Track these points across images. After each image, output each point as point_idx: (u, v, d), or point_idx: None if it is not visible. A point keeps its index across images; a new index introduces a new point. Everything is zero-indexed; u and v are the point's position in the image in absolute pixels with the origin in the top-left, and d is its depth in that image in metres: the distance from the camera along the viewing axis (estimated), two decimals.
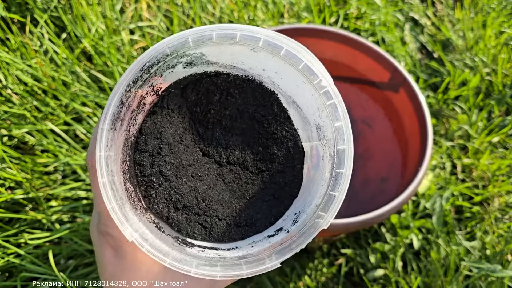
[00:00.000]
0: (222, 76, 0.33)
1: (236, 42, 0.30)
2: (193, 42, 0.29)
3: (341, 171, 0.30)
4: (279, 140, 0.34)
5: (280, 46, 0.30)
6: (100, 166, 0.27)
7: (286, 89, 0.33)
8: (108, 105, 0.28)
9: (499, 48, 0.99)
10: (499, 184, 0.83)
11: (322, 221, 0.29)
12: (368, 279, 0.72)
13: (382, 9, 0.98)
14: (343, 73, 0.76)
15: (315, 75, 0.30)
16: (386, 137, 0.75)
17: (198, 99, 0.34)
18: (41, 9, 0.77)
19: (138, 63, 0.28)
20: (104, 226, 0.30)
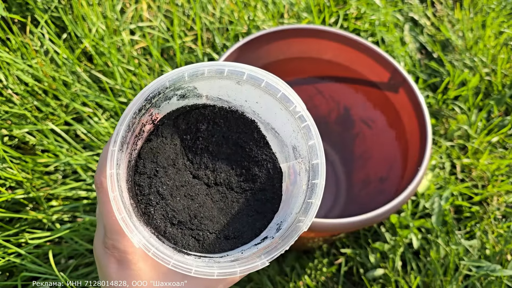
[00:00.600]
0: (209, 107, 0.39)
1: (224, 77, 0.35)
2: (188, 76, 0.33)
3: (316, 182, 0.35)
4: (260, 162, 0.39)
5: (261, 79, 0.35)
6: (111, 182, 0.30)
7: (265, 117, 0.39)
8: (118, 129, 0.31)
9: (499, 48, 1.00)
10: (498, 184, 0.83)
11: (302, 224, 0.34)
12: (368, 278, 0.72)
13: (381, 9, 0.99)
14: (343, 73, 0.76)
15: (290, 102, 0.35)
16: (386, 137, 0.75)
17: (188, 128, 0.39)
18: (42, 9, 0.77)
19: (144, 93, 0.33)
20: (110, 240, 0.33)
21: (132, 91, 0.77)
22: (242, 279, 0.70)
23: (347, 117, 0.80)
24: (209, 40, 0.90)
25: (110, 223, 0.32)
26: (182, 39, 0.86)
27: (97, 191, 0.33)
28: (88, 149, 0.72)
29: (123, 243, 0.33)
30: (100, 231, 0.35)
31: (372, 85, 0.74)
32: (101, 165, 0.33)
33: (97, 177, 0.33)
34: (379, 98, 0.74)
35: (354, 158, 0.81)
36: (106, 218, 0.32)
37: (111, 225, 0.32)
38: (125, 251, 0.33)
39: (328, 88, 0.79)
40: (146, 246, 0.30)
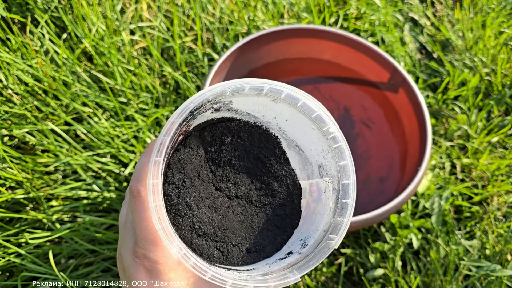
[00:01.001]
0: (235, 121, 0.40)
1: (263, 94, 0.36)
2: (230, 92, 0.34)
3: (346, 201, 0.36)
4: (279, 178, 0.40)
5: (298, 99, 0.36)
6: (155, 192, 0.30)
7: (291, 134, 0.40)
8: (162, 139, 0.31)
9: (499, 48, 1.00)
10: (498, 184, 0.83)
11: (333, 241, 0.35)
12: (368, 278, 0.72)
13: (381, 9, 0.99)
14: (343, 74, 0.76)
15: (325, 123, 0.36)
16: (386, 137, 0.75)
17: (213, 140, 0.39)
18: (42, 9, 0.77)
19: (188, 106, 0.33)
20: (142, 249, 0.33)
21: (132, 91, 0.77)
22: None
23: (347, 117, 0.80)
24: (209, 40, 0.90)
25: (144, 233, 0.32)
26: (182, 39, 0.86)
27: (132, 200, 0.33)
28: (88, 149, 0.72)
29: (155, 253, 0.32)
30: (128, 240, 0.34)
31: (372, 85, 0.74)
32: (139, 174, 0.33)
33: (134, 186, 0.33)
34: (379, 98, 0.74)
35: (354, 158, 0.81)
36: (140, 227, 0.32)
37: (146, 235, 0.32)
38: (156, 261, 0.32)
39: (328, 88, 0.79)
40: (185, 257, 0.30)
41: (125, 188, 0.71)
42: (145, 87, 0.80)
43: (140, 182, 0.33)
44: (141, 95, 0.77)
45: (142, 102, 0.79)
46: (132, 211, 0.33)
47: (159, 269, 0.32)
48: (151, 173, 0.30)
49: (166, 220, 0.30)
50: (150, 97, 0.79)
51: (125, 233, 0.35)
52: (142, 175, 0.33)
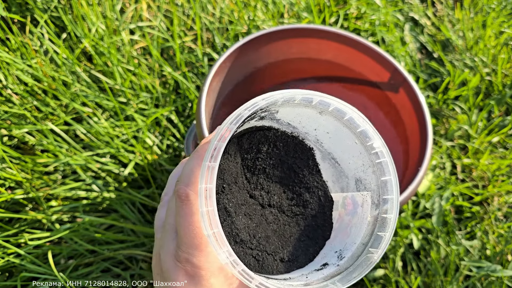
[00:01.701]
0: (273, 130, 0.40)
1: (311, 106, 0.36)
2: (281, 102, 0.34)
3: (388, 216, 0.36)
4: (311, 189, 0.40)
5: (344, 112, 0.36)
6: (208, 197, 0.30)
7: (328, 146, 0.40)
8: (216, 144, 0.31)
9: (499, 48, 0.99)
10: (499, 184, 0.83)
11: (375, 255, 0.35)
12: (368, 279, 0.72)
13: (382, 9, 0.99)
14: (343, 73, 0.76)
15: (369, 138, 0.37)
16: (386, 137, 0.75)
17: (250, 147, 0.39)
18: (41, 9, 0.77)
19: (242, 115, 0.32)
20: (185, 253, 0.32)
21: (131, 91, 0.77)
22: None
23: None
24: (209, 40, 0.90)
25: (189, 237, 0.32)
26: (182, 39, 0.86)
27: (179, 204, 0.33)
28: (87, 149, 0.72)
29: (198, 258, 0.32)
30: (169, 243, 0.34)
31: (372, 85, 0.74)
32: (188, 179, 0.33)
33: (183, 190, 0.32)
34: (379, 98, 0.74)
35: None
36: (186, 231, 0.32)
37: (191, 239, 0.32)
38: (199, 266, 0.32)
39: (328, 88, 0.79)
40: (234, 263, 0.30)
41: (125, 188, 0.71)
42: (145, 87, 0.80)
43: (190, 186, 0.32)
44: (140, 95, 0.77)
45: (142, 102, 0.78)
46: (178, 214, 0.33)
47: (201, 275, 0.32)
48: (203, 178, 0.30)
49: (219, 225, 0.30)
50: (150, 97, 0.79)
51: (165, 236, 0.35)
52: (191, 179, 0.33)
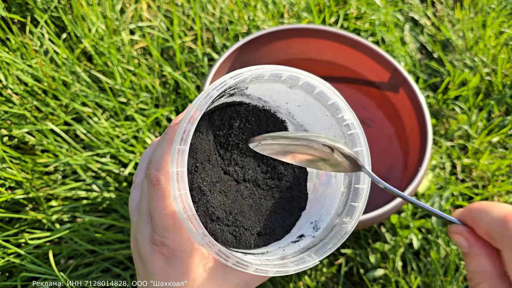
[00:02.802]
0: (244, 105, 0.39)
1: (281, 81, 0.36)
2: (250, 79, 0.34)
3: (360, 186, 0.36)
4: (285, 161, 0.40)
5: (315, 86, 0.36)
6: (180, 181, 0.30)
7: (300, 119, 0.40)
8: (185, 127, 0.30)
9: (499, 48, 0.99)
10: (499, 184, 0.83)
11: (349, 225, 0.35)
12: (368, 279, 0.72)
13: (382, 9, 0.99)
14: (343, 73, 0.76)
15: (340, 110, 0.37)
16: (386, 137, 0.75)
17: (221, 124, 0.39)
18: (41, 9, 0.77)
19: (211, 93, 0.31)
20: (160, 236, 0.32)
21: (131, 91, 0.77)
22: None
23: None
24: (209, 40, 0.90)
25: (163, 220, 0.32)
26: (182, 39, 0.86)
27: (150, 188, 0.33)
28: (87, 149, 0.72)
29: (173, 240, 0.32)
30: (144, 226, 0.34)
31: (372, 85, 0.74)
32: (158, 163, 0.32)
33: (153, 174, 0.32)
34: (379, 98, 0.74)
35: None
36: (160, 215, 0.32)
37: (165, 222, 0.32)
38: (175, 248, 0.32)
39: None
40: (210, 244, 0.30)
41: (125, 188, 0.71)
42: (145, 87, 0.80)
43: (160, 170, 0.32)
44: (140, 95, 0.77)
45: (142, 102, 0.78)
46: (151, 198, 0.33)
47: (177, 256, 0.32)
48: (174, 161, 0.30)
49: (192, 209, 0.30)
50: (150, 97, 0.79)
51: (140, 220, 0.35)
52: (162, 163, 0.32)
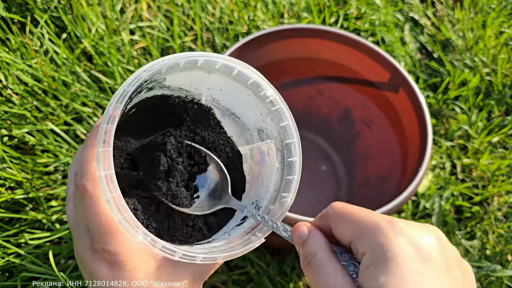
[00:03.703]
0: (166, 98, 0.39)
1: (197, 67, 0.35)
2: (165, 69, 0.33)
3: (293, 159, 0.37)
4: (218, 147, 0.40)
5: (233, 67, 0.36)
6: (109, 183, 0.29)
7: (225, 103, 0.40)
8: (106, 128, 0.29)
9: (499, 48, 0.99)
10: (498, 184, 0.83)
11: (288, 199, 0.36)
12: None
13: (382, 9, 0.99)
14: (343, 74, 0.76)
15: (261, 88, 0.37)
16: (386, 137, 0.75)
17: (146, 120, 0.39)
18: (41, 9, 0.77)
19: (127, 89, 0.31)
20: (99, 243, 0.32)
21: None
22: (242, 279, 0.70)
23: (348, 117, 0.80)
24: (209, 40, 0.90)
25: (98, 227, 0.31)
26: (182, 39, 0.86)
27: (79, 197, 0.32)
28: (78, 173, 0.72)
29: (113, 245, 0.31)
30: (83, 238, 0.33)
31: (372, 85, 0.74)
32: (83, 168, 0.31)
33: (80, 182, 0.31)
34: (379, 98, 0.74)
35: (355, 158, 0.81)
36: (94, 222, 0.31)
37: (100, 228, 0.31)
38: (116, 253, 0.32)
39: (329, 88, 0.79)
40: (153, 242, 0.30)
41: None
42: None
43: (86, 177, 0.31)
44: None
45: None
46: (82, 208, 0.32)
47: (120, 260, 0.32)
48: (100, 165, 0.29)
49: (127, 210, 0.29)
50: None
51: (79, 233, 0.34)
52: (87, 170, 0.31)
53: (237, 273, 0.70)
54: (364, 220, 0.28)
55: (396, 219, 0.28)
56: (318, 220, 0.32)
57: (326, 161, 0.83)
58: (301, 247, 0.31)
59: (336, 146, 0.83)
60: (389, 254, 0.26)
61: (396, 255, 0.26)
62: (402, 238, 0.27)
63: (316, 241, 0.30)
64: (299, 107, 0.82)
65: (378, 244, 0.27)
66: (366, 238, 0.27)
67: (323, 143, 0.84)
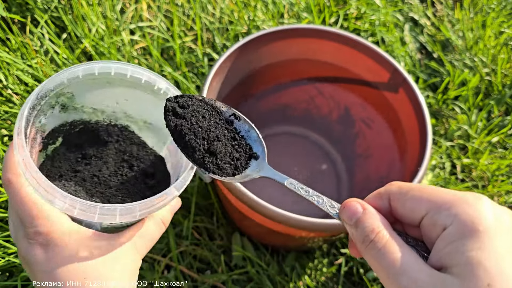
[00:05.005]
0: (88, 124, 0.40)
1: (97, 79, 0.36)
2: (67, 80, 0.34)
3: None
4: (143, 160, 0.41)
5: (126, 69, 0.36)
6: (24, 165, 0.31)
7: (136, 113, 0.41)
8: (21, 124, 0.32)
9: (499, 48, 0.99)
10: (498, 184, 0.83)
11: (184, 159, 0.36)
12: (368, 278, 0.72)
13: (382, 9, 0.99)
14: (343, 74, 0.76)
15: (154, 83, 0.37)
16: (386, 137, 0.75)
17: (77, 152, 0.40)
18: (42, 9, 0.77)
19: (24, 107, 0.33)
20: (31, 228, 0.32)
21: None
22: (242, 279, 0.70)
23: (348, 117, 0.80)
24: (209, 40, 0.90)
25: (27, 212, 0.31)
26: (182, 39, 0.86)
27: (7, 190, 0.33)
28: None
29: (43, 226, 0.31)
30: (18, 230, 0.33)
31: (372, 85, 0.74)
32: (4, 166, 0.33)
33: (3, 177, 0.33)
34: (379, 98, 0.74)
35: (355, 158, 0.81)
36: (22, 208, 0.32)
37: (29, 212, 0.31)
38: (48, 232, 0.31)
39: (329, 88, 0.79)
40: (71, 204, 0.31)
41: None
42: None
43: (8, 171, 0.33)
44: None
45: None
46: (11, 201, 0.33)
47: (53, 238, 0.31)
48: (17, 152, 0.31)
49: (43, 178, 0.30)
50: None
51: (13, 227, 0.34)
52: (7, 165, 0.33)
53: (237, 273, 0.70)
54: (441, 194, 0.26)
55: (478, 194, 0.27)
56: (373, 200, 0.30)
57: (326, 160, 0.83)
58: (354, 226, 0.28)
59: (336, 145, 0.84)
60: (481, 227, 0.24)
61: (488, 227, 0.24)
62: (491, 211, 0.25)
63: (376, 219, 0.27)
64: (299, 107, 0.83)
65: (468, 215, 0.24)
66: (449, 211, 0.25)
67: (324, 143, 0.84)
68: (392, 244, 0.26)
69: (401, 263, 0.25)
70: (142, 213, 0.33)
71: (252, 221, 0.62)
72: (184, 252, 0.70)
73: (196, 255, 0.71)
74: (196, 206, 0.73)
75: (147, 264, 0.68)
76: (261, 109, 0.80)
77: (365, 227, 0.27)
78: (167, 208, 0.38)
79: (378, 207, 0.29)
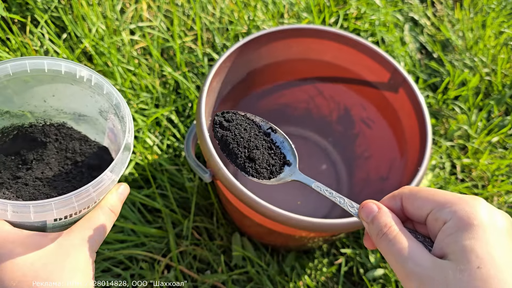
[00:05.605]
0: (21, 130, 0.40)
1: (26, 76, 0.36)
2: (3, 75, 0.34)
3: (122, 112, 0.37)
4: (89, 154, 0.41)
5: (42, 64, 0.35)
6: None
7: (68, 107, 0.40)
8: None
9: (499, 48, 1.00)
10: (498, 184, 0.83)
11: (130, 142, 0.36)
12: (368, 278, 0.72)
13: (382, 9, 0.99)
14: (343, 74, 0.76)
15: (74, 72, 0.36)
16: (386, 137, 0.75)
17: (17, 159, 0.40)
18: (42, 9, 0.77)
19: None
20: None
21: (132, 91, 0.77)
22: (242, 279, 0.70)
23: (348, 117, 0.80)
24: (209, 40, 0.90)
25: None
26: (182, 39, 0.86)
27: None
28: None
29: None
30: None
31: (372, 85, 0.74)
32: None
33: None
34: (379, 98, 0.74)
35: (355, 158, 0.81)
36: None
37: None
38: None
39: (329, 88, 0.79)
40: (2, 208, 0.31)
41: None
42: (145, 87, 0.80)
43: None
44: (141, 95, 0.77)
45: (142, 102, 0.79)
46: None
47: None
48: None
49: None
50: (150, 97, 0.79)
51: None
52: None
53: (237, 273, 0.70)
54: (444, 195, 0.31)
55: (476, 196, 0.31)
56: (388, 201, 0.34)
57: (326, 160, 0.83)
58: (371, 223, 0.33)
59: (336, 145, 0.84)
60: (476, 222, 0.28)
61: (481, 222, 0.28)
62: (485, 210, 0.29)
63: (389, 217, 0.32)
64: (299, 107, 0.83)
65: (465, 212, 0.29)
66: (449, 208, 0.30)
67: (324, 143, 0.84)
68: (401, 236, 0.31)
69: (408, 251, 0.30)
70: (80, 204, 0.32)
71: (252, 221, 0.62)
72: (184, 252, 0.70)
73: (196, 255, 0.71)
74: (196, 206, 0.73)
75: (147, 264, 0.68)
76: (261, 109, 0.80)
77: (379, 223, 0.32)
78: (115, 197, 0.37)
79: (391, 207, 0.34)
